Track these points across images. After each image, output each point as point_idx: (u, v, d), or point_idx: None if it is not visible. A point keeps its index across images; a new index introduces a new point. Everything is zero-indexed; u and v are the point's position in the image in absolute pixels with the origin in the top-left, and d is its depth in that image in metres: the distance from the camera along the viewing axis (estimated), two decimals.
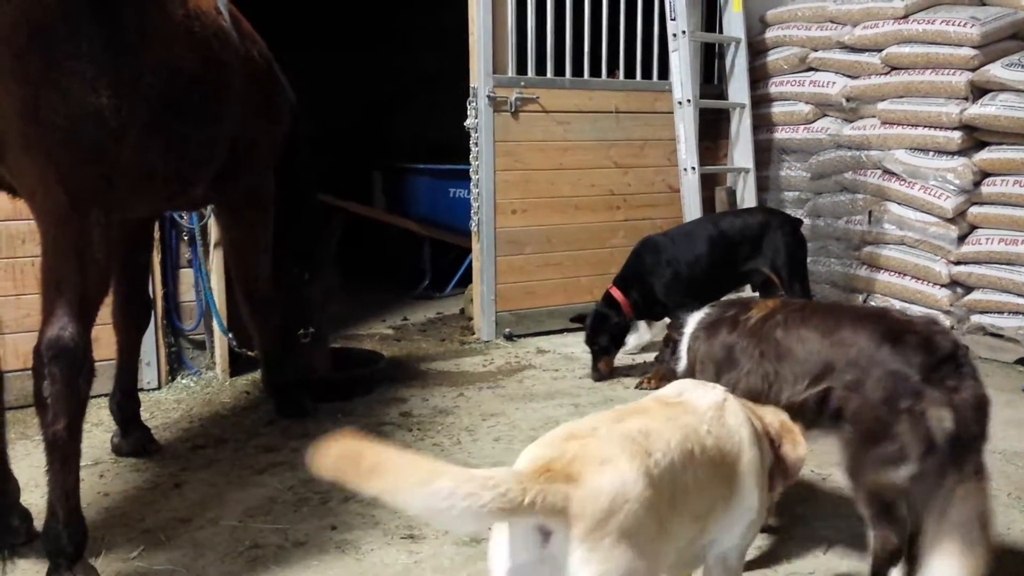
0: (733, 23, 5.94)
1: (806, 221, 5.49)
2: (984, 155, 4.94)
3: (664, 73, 5.75)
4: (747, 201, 5.89)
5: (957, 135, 4.98)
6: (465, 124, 5.23)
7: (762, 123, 6.07)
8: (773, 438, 2.01)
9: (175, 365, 4.40)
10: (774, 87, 6.03)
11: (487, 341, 5.32)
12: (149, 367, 4.20)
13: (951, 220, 5.06)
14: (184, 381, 4.36)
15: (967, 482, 2.09)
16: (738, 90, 5.97)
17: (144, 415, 3.61)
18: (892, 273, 5.40)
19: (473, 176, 5.29)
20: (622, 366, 4.67)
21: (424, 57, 8.81)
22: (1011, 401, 4.07)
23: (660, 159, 5.82)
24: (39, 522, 2.47)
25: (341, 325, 5.48)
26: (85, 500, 2.54)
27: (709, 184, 5.87)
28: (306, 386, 4.02)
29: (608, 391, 4.34)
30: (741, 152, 6.01)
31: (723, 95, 6.09)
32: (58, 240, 2.33)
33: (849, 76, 5.61)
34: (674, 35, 5.50)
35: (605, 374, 4.53)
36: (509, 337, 5.35)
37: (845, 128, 5.65)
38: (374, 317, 6.04)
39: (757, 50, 6.10)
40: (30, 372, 2.31)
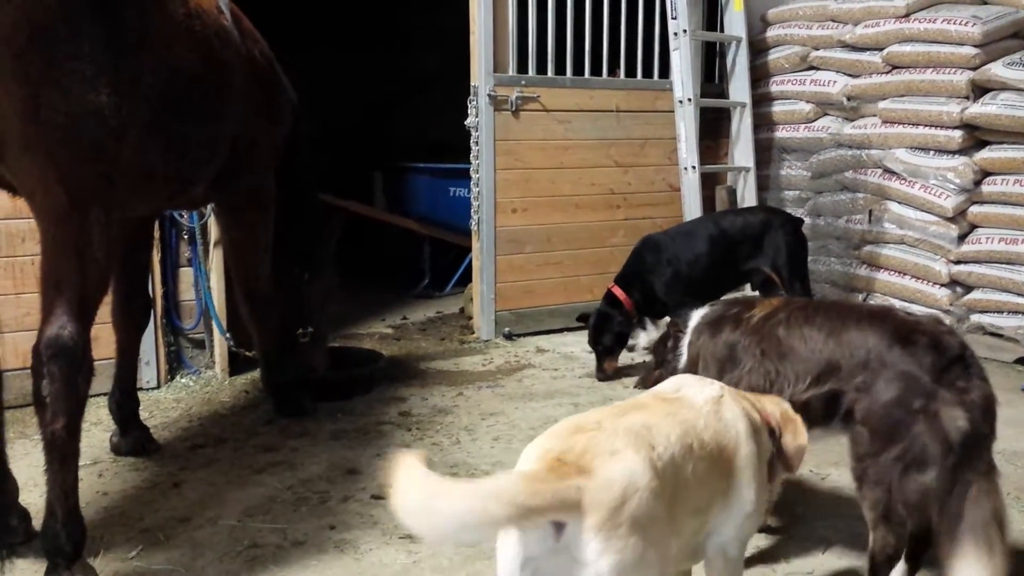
0: (734, 22, 5.94)
1: (806, 220, 5.48)
2: (985, 154, 4.93)
3: (665, 72, 5.75)
4: (747, 200, 5.89)
5: (958, 134, 4.97)
6: (466, 123, 5.22)
7: (763, 122, 6.07)
8: (774, 428, 2.02)
9: (174, 364, 4.40)
10: (775, 86, 6.02)
11: (487, 340, 5.32)
12: (148, 366, 4.20)
13: (951, 219, 5.06)
14: (183, 380, 4.36)
15: (981, 482, 2.10)
16: (739, 89, 5.96)
17: (143, 414, 3.61)
18: (892, 272, 5.40)
19: (473, 175, 5.28)
20: (622, 365, 4.67)
21: (424, 56, 8.81)
22: (1011, 401, 4.05)
23: (661, 158, 5.81)
24: (38, 521, 2.46)
25: (341, 324, 5.48)
26: (84, 499, 2.54)
27: (710, 183, 5.87)
28: (305, 385, 4.02)
29: (607, 390, 4.34)
30: (742, 151, 6.00)
31: (724, 94, 6.09)
32: (58, 239, 2.33)
33: (850, 75, 5.61)
34: (675, 34, 5.49)
35: (610, 374, 4.52)
36: (509, 336, 5.35)
37: (846, 127, 5.65)
38: (374, 316, 6.04)
39: (758, 49, 6.09)
40: (29, 371, 2.31)
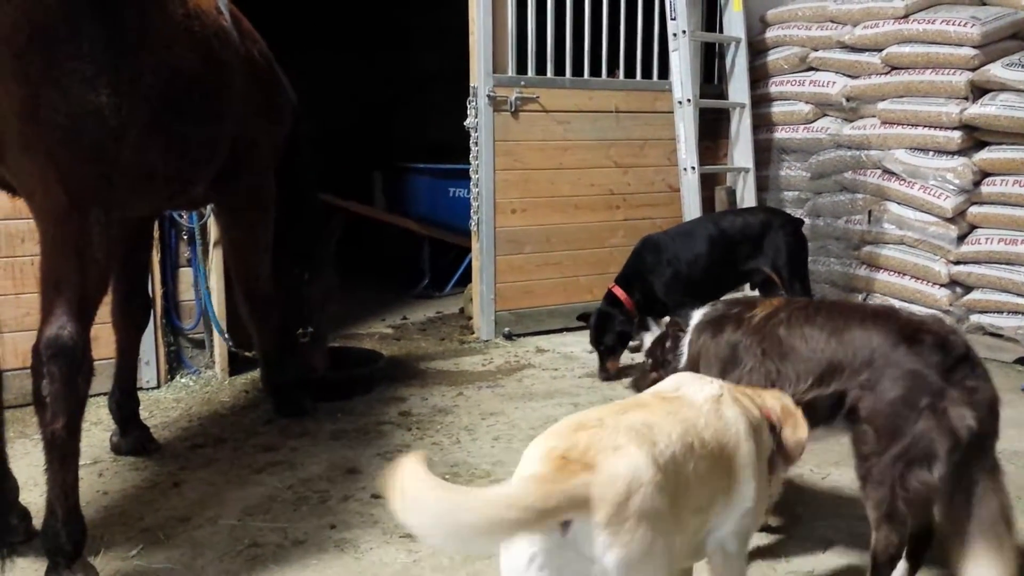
0: (733, 23, 5.94)
1: (806, 221, 5.48)
2: (984, 155, 4.94)
3: (664, 73, 5.75)
4: (747, 201, 5.89)
5: (957, 135, 4.98)
6: (465, 124, 5.22)
7: (762, 123, 6.07)
8: (774, 423, 2.03)
9: (174, 364, 4.40)
10: (774, 87, 6.03)
11: (486, 340, 5.32)
12: (148, 366, 4.20)
13: (951, 220, 5.06)
14: (183, 380, 4.36)
15: (987, 480, 2.12)
16: (738, 90, 5.97)
17: (143, 414, 3.61)
18: (892, 273, 5.40)
19: (473, 176, 5.29)
20: (624, 365, 4.65)
21: (424, 57, 8.81)
22: (1010, 401, 4.02)
23: (660, 159, 5.81)
24: (38, 521, 2.46)
25: (340, 324, 5.48)
26: (84, 499, 2.54)
27: (709, 184, 5.87)
28: (305, 385, 4.02)
29: (607, 390, 4.34)
30: (741, 152, 6.01)
31: (723, 95, 6.09)
32: (57, 239, 2.33)
33: (849, 76, 5.61)
34: (674, 35, 5.50)
35: (613, 374, 4.50)
36: (508, 336, 5.35)
37: (845, 128, 5.65)
38: (373, 316, 6.04)
39: (757, 50, 6.10)
40: (29, 371, 2.32)
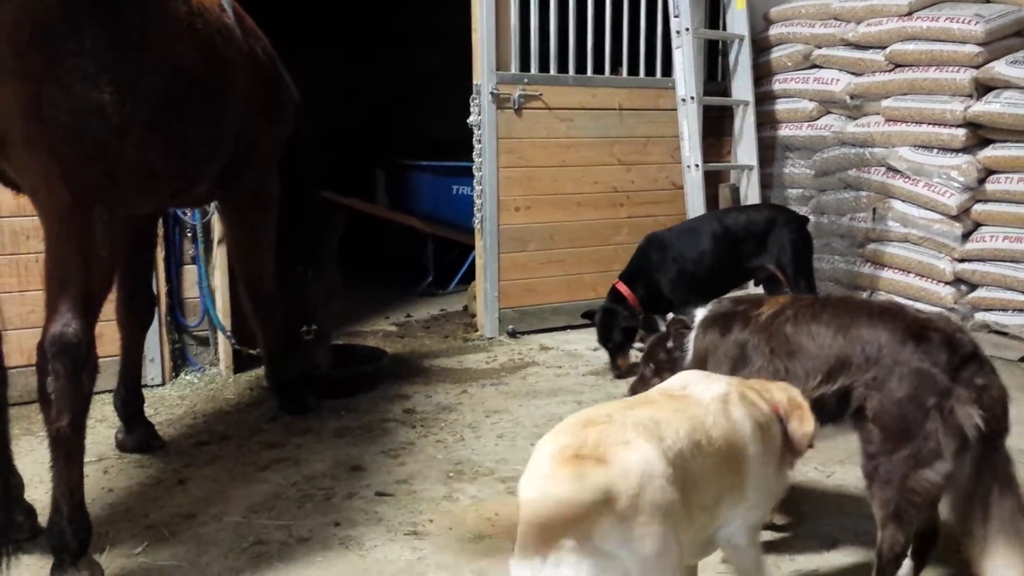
0: (736, 20, 5.93)
1: (810, 218, 5.47)
2: (988, 152, 4.93)
3: (667, 70, 5.74)
4: (751, 198, 5.88)
5: (961, 132, 4.97)
6: (468, 121, 5.22)
7: (766, 120, 6.06)
8: (782, 416, 2.03)
9: (179, 361, 4.40)
10: (778, 84, 6.01)
11: (490, 338, 5.32)
12: (153, 363, 4.20)
13: (955, 217, 5.05)
14: (188, 377, 4.37)
15: (1002, 477, 2.12)
16: (742, 87, 5.96)
17: (148, 411, 3.61)
18: (896, 270, 5.39)
19: (476, 173, 5.28)
20: (635, 361, 4.64)
21: (427, 54, 8.80)
22: (1016, 399, 4.05)
23: (663, 156, 5.81)
24: (43, 518, 2.48)
25: (344, 322, 5.48)
26: (89, 496, 2.54)
27: (713, 181, 5.86)
28: (309, 383, 4.03)
29: (611, 388, 4.33)
30: (745, 149, 6.00)
31: (727, 92, 6.08)
32: (62, 236, 2.33)
33: (853, 73, 5.60)
34: (677, 32, 5.49)
35: (625, 371, 4.44)
36: (512, 334, 5.35)
37: (849, 125, 5.64)
38: (377, 314, 6.04)
39: (761, 47, 6.08)
40: (34, 368, 2.32)
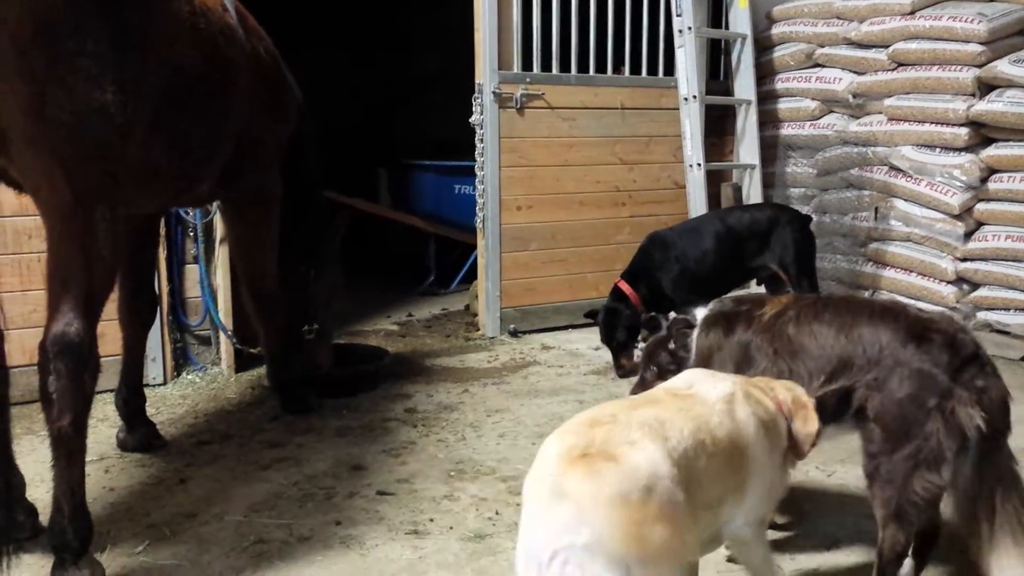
0: (739, 19, 5.93)
1: (812, 217, 5.47)
2: (991, 151, 4.92)
3: (670, 69, 5.74)
4: (753, 197, 5.88)
5: (964, 131, 4.96)
6: (470, 120, 5.22)
7: (768, 119, 6.06)
8: (786, 415, 2.03)
9: (180, 361, 4.41)
10: (780, 83, 6.01)
11: (492, 337, 5.32)
12: (154, 363, 4.20)
13: (957, 216, 5.04)
14: (189, 377, 4.37)
15: (1005, 476, 2.12)
16: (744, 86, 5.95)
17: (149, 411, 3.62)
18: (898, 269, 5.39)
19: (478, 172, 5.28)
20: (637, 360, 4.64)
21: (429, 54, 8.81)
22: (1017, 398, 4.04)
23: (666, 155, 5.80)
24: (45, 517, 2.48)
25: (346, 321, 5.48)
26: (90, 495, 2.54)
27: (715, 180, 5.85)
28: (311, 382, 4.03)
29: (613, 387, 4.33)
30: (747, 148, 5.99)
31: (729, 91, 6.08)
32: (64, 236, 2.34)
33: (856, 72, 5.59)
34: (680, 31, 5.48)
35: (629, 370, 4.41)
36: (514, 333, 5.35)
37: (851, 124, 5.63)
38: (379, 313, 6.04)
39: (763, 46, 6.08)
40: (36, 367, 2.32)
